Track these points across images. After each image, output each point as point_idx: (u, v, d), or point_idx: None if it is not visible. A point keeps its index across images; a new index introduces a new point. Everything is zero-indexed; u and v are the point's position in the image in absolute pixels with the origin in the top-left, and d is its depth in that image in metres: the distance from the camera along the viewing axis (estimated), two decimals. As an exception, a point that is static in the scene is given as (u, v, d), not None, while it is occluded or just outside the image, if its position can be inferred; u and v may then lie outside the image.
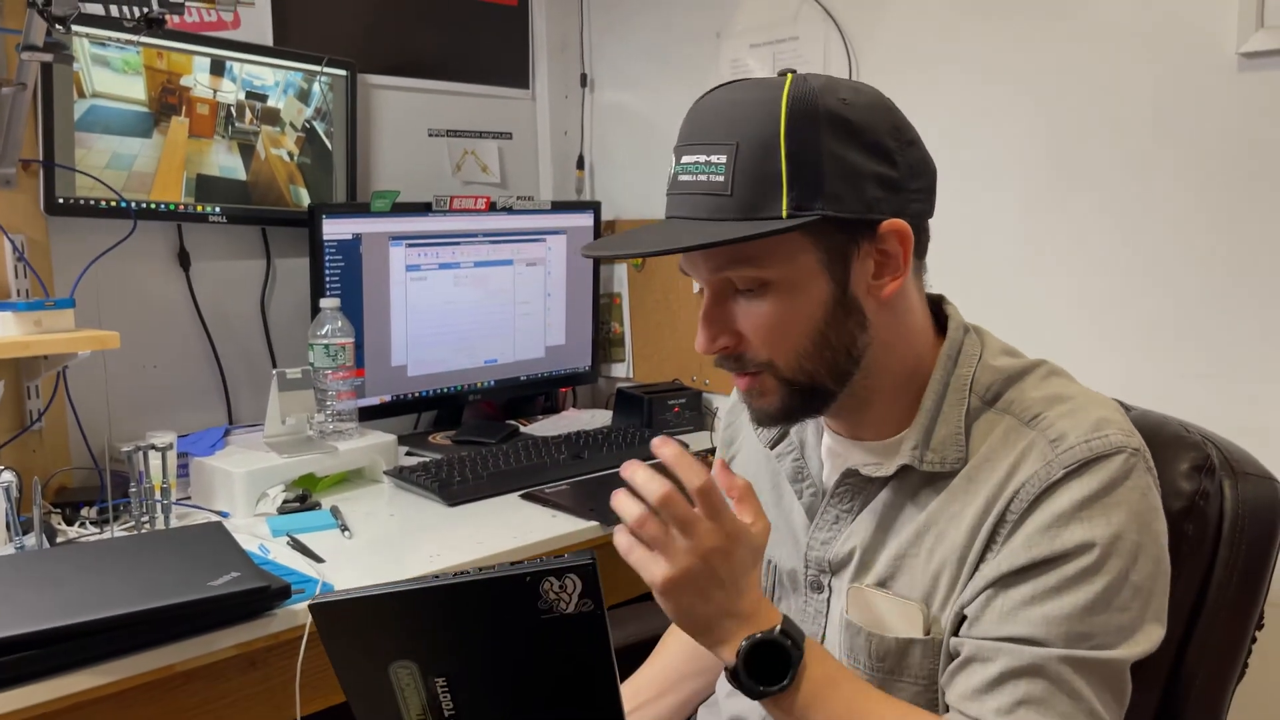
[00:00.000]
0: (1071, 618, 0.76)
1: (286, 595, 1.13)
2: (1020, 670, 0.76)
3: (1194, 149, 1.42)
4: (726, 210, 0.79)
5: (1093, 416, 0.80)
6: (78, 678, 0.99)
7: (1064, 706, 0.75)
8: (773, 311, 0.82)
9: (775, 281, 0.81)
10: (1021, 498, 0.79)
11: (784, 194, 0.78)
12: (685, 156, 0.83)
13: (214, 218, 1.77)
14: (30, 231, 1.56)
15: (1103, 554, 0.76)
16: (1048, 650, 0.76)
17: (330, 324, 1.69)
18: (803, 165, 0.78)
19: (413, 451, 1.86)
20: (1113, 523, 0.77)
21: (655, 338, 2.21)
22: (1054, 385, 0.85)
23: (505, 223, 2.03)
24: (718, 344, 0.84)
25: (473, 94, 2.19)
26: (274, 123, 1.84)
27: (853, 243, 0.81)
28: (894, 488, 0.87)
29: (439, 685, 0.80)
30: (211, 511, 1.49)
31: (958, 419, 0.85)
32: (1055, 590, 0.76)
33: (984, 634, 0.79)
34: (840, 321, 0.83)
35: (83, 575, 1.11)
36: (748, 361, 0.84)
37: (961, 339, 0.88)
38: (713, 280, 0.83)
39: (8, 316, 1.40)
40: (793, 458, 0.96)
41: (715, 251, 0.81)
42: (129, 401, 1.72)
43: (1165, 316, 1.47)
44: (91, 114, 1.60)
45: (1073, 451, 0.78)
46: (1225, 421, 0.99)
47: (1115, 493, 0.77)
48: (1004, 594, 0.78)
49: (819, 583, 0.92)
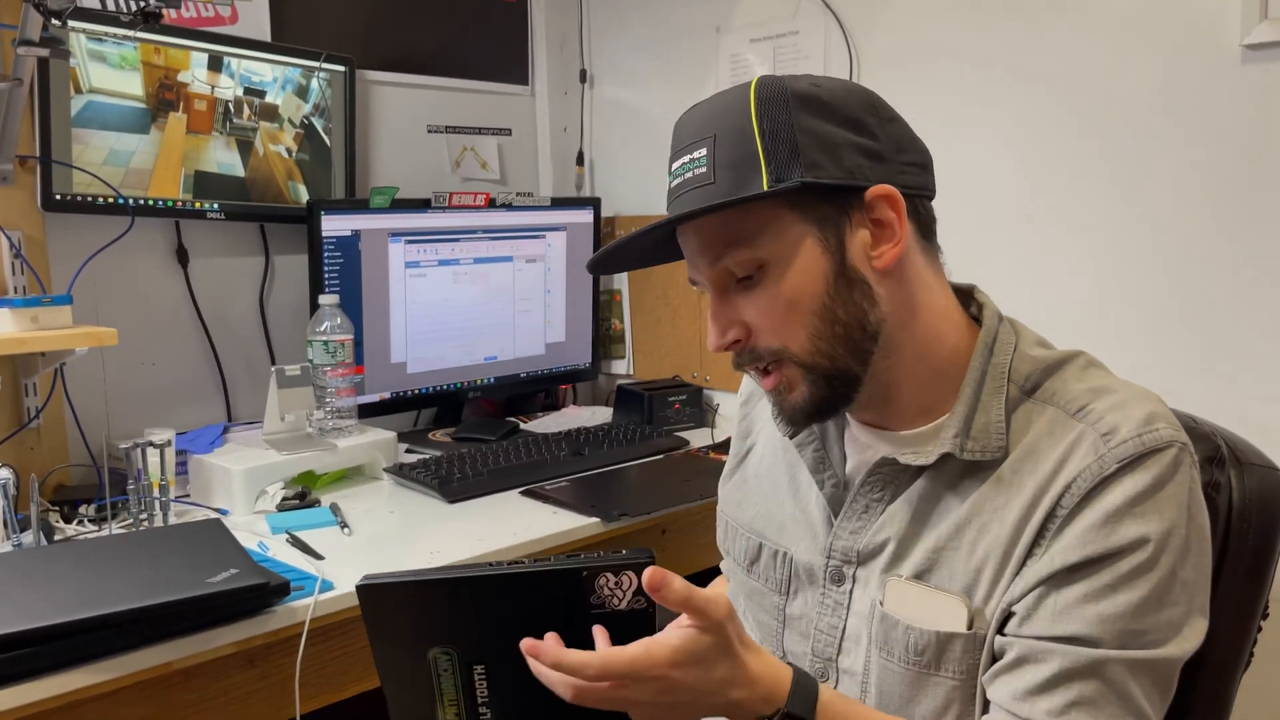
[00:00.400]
0: (1126, 616, 0.75)
1: (286, 592, 1.12)
2: (1075, 672, 0.75)
3: (1198, 141, 1.41)
4: (712, 197, 0.81)
5: (1144, 410, 0.79)
6: (76, 675, 0.98)
7: (1113, 708, 0.75)
8: (774, 293, 0.81)
9: (770, 261, 0.81)
10: (1074, 492, 0.78)
11: (763, 171, 0.80)
12: (675, 163, 0.86)
13: (212, 214, 1.76)
14: (27, 228, 1.55)
15: (1156, 550, 0.75)
16: (1103, 651, 0.75)
17: (329, 320, 1.68)
18: (778, 141, 0.80)
19: (412, 449, 1.85)
20: (1165, 518, 0.76)
21: (655, 334, 2.20)
22: (1096, 377, 0.84)
23: (505, 219, 2.02)
24: (728, 337, 0.84)
25: (472, 90, 2.18)
26: (272, 119, 1.83)
27: (842, 213, 0.82)
28: (930, 477, 0.86)
29: (477, 673, 0.79)
30: (210, 509, 1.48)
31: (999, 407, 0.83)
32: (1110, 588, 0.75)
33: (1037, 633, 0.77)
34: (845, 295, 0.82)
35: (81, 572, 1.10)
36: (762, 353, 0.83)
37: (996, 328, 0.87)
38: (712, 274, 0.84)
39: (4, 313, 1.40)
40: (814, 447, 0.94)
41: (710, 242, 0.82)
42: (127, 399, 1.72)
43: (1169, 310, 1.46)
44: (88, 110, 1.60)
45: (1126, 445, 0.77)
46: (1229, 415, 0.98)
47: (1167, 487, 0.77)
48: (1057, 592, 0.77)
49: (841, 574, 0.90)
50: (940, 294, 0.88)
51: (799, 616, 0.94)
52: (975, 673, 0.82)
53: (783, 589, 0.95)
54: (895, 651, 0.85)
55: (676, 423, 2.00)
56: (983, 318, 0.88)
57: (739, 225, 0.81)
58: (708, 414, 2.07)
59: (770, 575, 0.97)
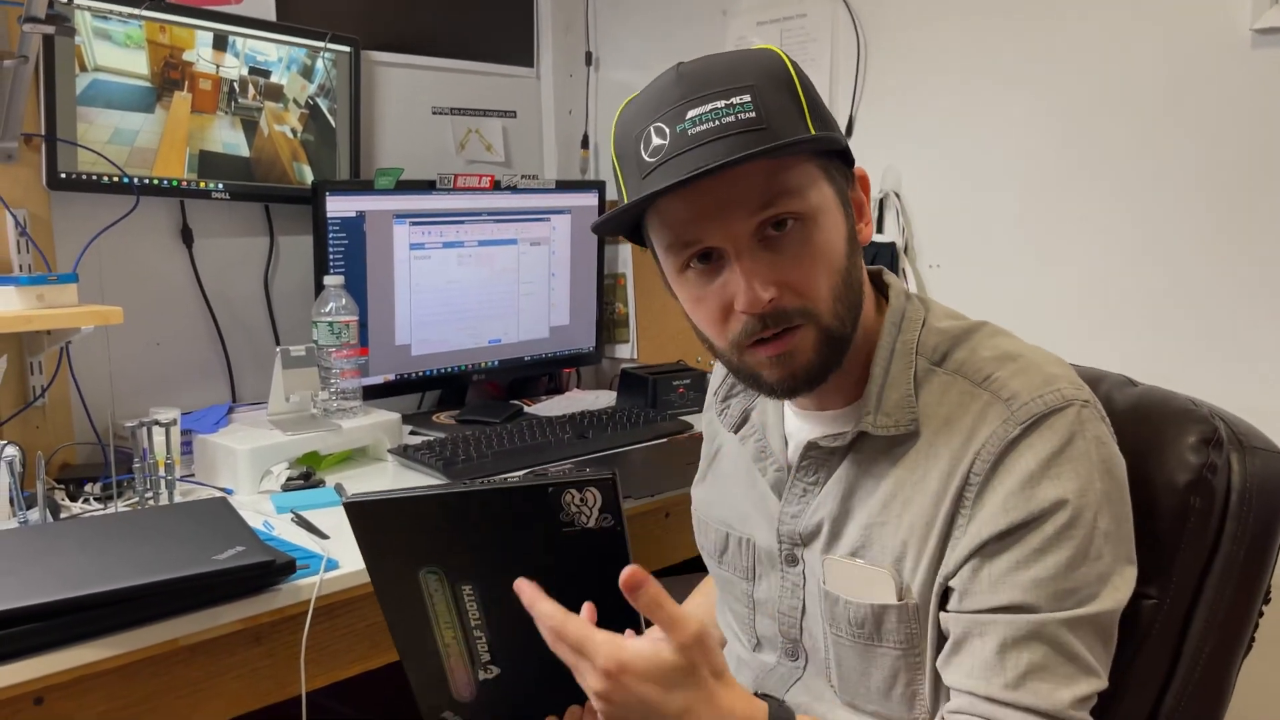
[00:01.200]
0: (1057, 577, 0.77)
1: (291, 570, 1.12)
2: (1019, 640, 0.77)
3: (1207, 126, 1.41)
4: (768, 140, 0.78)
5: (1044, 373, 0.82)
6: (82, 651, 0.99)
7: (1064, 669, 0.76)
8: (808, 248, 0.81)
9: (808, 214, 0.81)
10: (984, 458, 0.80)
11: (809, 123, 0.81)
12: (693, 110, 0.79)
13: (217, 194, 1.76)
14: (32, 206, 1.55)
15: (1075, 508, 0.77)
16: (1041, 615, 0.76)
17: (334, 301, 1.68)
18: (813, 101, 0.82)
19: (416, 430, 1.85)
20: (1079, 475, 0.78)
21: (659, 318, 2.20)
22: (1002, 344, 0.86)
23: (509, 201, 2.02)
24: (769, 293, 0.79)
25: (477, 72, 2.18)
26: (277, 99, 1.83)
27: (846, 183, 0.85)
28: (855, 457, 0.88)
29: (466, 594, 0.81)
30: (215, 488, 1.49)
31: (906, 382, 0.86)
32: (1038, 552, 0.77)
33: (975, 607, 0.79)
34: (855, 260, 0.85)
35: (87, 549, 1.11)
36: (791, 313, 0.80)
37: (904, 305, 0.90)
38: (748, 227, 0.79)
39: (10, 291, 1.40)
40: (755, 439, 0.97)
41: (756, 189, 0.79)
42: (132, 378, 1.72)
43: (1175, 296, 1.46)
44: (93, 88, 1.59)
45: (1027, 407, 0.80)
46: (1233, 400, 0.98)
47: (1074, 445, 0.78)
48: (988, 564, 0.79)
49: (793, 556, 0.93)
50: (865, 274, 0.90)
51: (765, 600, 0.97)
52: (915, 642, 0.84)
53: (749, 574, 0.98)
54: (841, 626, 0.88)
55: (680, 407, 2.00)
56: (889, 297, 0.90)
57: (785, 176, 0.79)
58: (711, 398, 2.07)
59: (737, 563, 1.00)
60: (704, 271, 0.83)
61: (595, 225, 0.89)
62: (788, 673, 0.95)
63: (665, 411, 1.95)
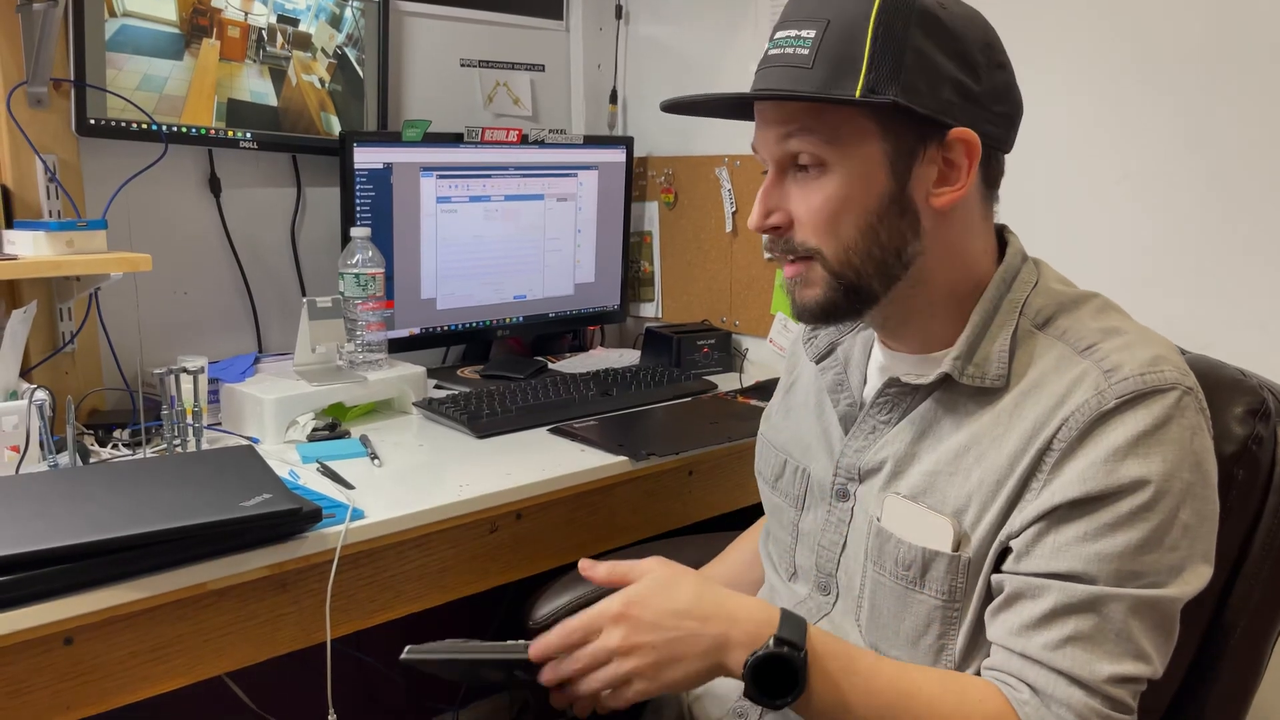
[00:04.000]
0: (1124, 555, 0.75)
1: (318, 518, 1.13)
2: (1070, 607, 0.76)
3: (1256, 83, 1.37)
4: (804, 83, 0.80)
5: (1150, 352, 0.80)
6: (111, 592, 1.00)
7: (1110, 645, 0.75)
8: (829, 195, 0.82)
9: (836, 164, 0.82)
10: (1071, 426, 0.78)
11: (861, 76, 0.79)
12: (779, 33, 0.84)
13: (245, 143, 1.75)
14: (62, 152, 1.55)
15: (1157, 492, 0.75)
16: (1098, 588, 0.75)
17: (361, 253, 1.68)
18: (886, 51, 0.79)
19: (441, 385, 1.86)
20: (1167, 460, 0.76)
21: (685, 277, 2.19)
22: (1111, 318, 0.85)
23: (537, 156, 2.00)
24: (769, 220, 0.86)
25: (506, 24, 2.15)
26: (305, 48, 1.81)
27: (920, 143, 0.82)
28: (936, 401, 0.87)
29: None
30: (242, 437, 1.50)
31: (1005, 337, 0.85)
32: (1109, 527, 0.76)
33: (1033, 570, 0.78)
34: (893, 221, 0.83)
35: (116, 493, 1.11)
36: (796, 246, 0.85)
37: (1019, 265, 0.89)
38: (778, 153, 0.85)
39: (40, 236, 1.40)
40: (834, 371, 0.98)
41: (786, 118, 0.83)
42: (160, 326, 1.73)
43: (1223, 261, 1.43)
44: (122, 34, 1.58)
45: (1127, 383, 0.78)
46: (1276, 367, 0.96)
47: (1169, 429, 0.76)
48: (1055, 530, 0.78)
49: (845, 491, 0.93)
50: (983, 240, 0.89)
51: (808, 532, 0.98)
52: (956, 596, 0.83)
53: (798, 504, 0.99)
54: (886, 565, 0.88)
55: (704, 366, 1.99)
56: (1006, 254, 0.89)
57: (820, 117, 0.82)
58: (736, 358, 2.06)
59: (789, 490, 1.01)
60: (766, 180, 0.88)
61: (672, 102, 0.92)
62: (817, 606, 0.96)
63: (689, 371, 1.94)
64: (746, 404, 1.76)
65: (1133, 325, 0.85)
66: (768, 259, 0.94)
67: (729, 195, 2.05)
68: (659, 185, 2.21)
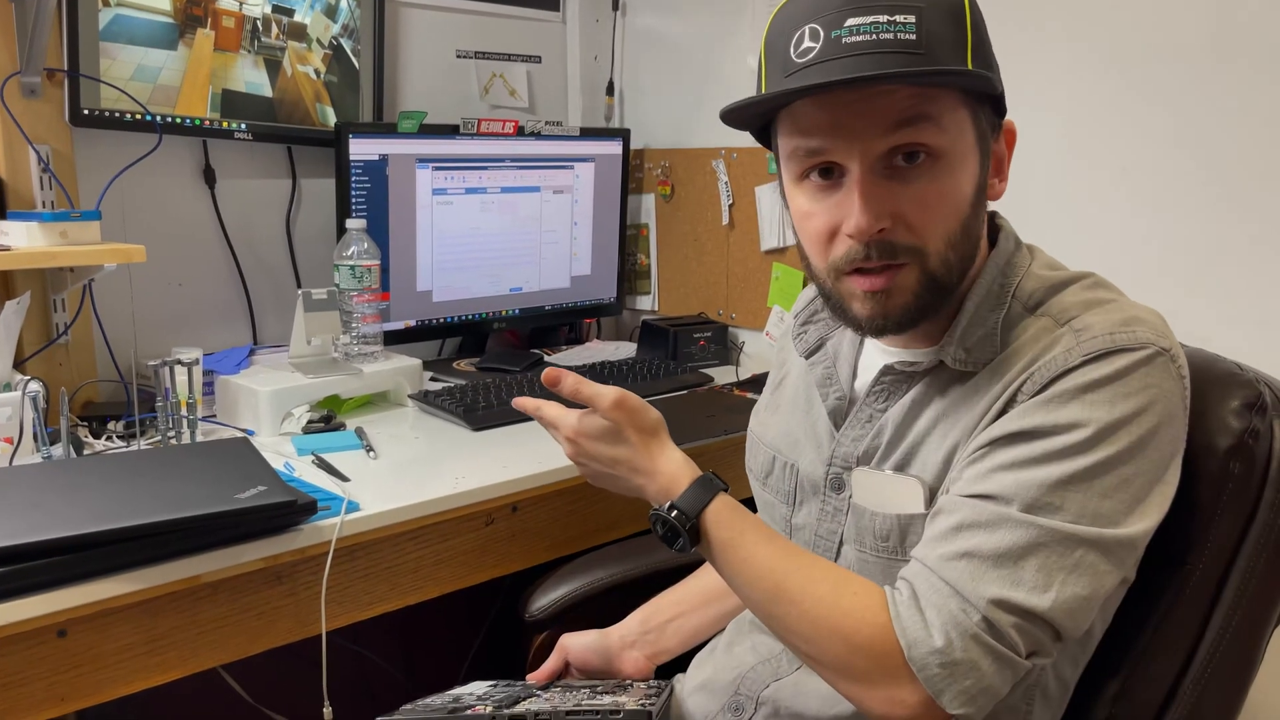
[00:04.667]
0: (1043, 486, 0.75)
1: (313, 511, 1.13)
2: (976, 523, 0.76)
3: (1247, 79, 1.37)
4: (919, 64, 0.76)
5: (1126, 315, 0.79)
6: (105, 584, 0.99)
7: (1009, 569, 0.74)
8: (943, 186, 0.79)
9: (945, 152, 0.79)
10: (1035, 378, 0.79)
11: (969, 59, 0.78)
12: (853, 19, 0.76)
13: (240, 134, 1.75)
14: (55, 142, 1.54)
15: (1095, 435, 0.75)
16: (1007, 509, 0.75)
17: (356, 245, 1.67)
18: (980, 39, 0.79)
19: (437, 377, 1.85)
20: (1116, 409, 0.75)
21: (681, 270, 2.18)
22: (1097, 293, 0.85)
23: (533, 148, 2.00)
24: (881, 223, 0.78)
25: (502, 15, 2.14)
26: (301, 39, 1.80)
27: (992, 132, 0.83)
28: (925, 385, 0.88)
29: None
30: (237, 429, 1.49)
31: (994, 322, 0.85)
32: (1035, 460, 0.76)
33: (958, 491, 0.79)
34: (978, 211, 0.83)
35: (110, 485, 1.11)
36: (899, 249, 0.79)
37: (1012, 250, 0.89)
38: (875, 149, 0.78)
39: (34, 227, 1.39)
40: (824, 365, 0.98)
41: (895, 113, 0.77)
42: (154, 318, 1.72)
43: (1214, 256, 1.43)
44: (116, 24, 1.57)
45: (1095, 341, 0.78)
46: (1273, 361, 0.96)
47: (1127, 381, 0.76)
48: (987, 458, 0.78)
49: (840, 481, 0.93)
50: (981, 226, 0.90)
51: (802, 527, 0.97)
52: None
53: (789, 500, 0.99)
54: (866, 542, 0.88)
55: (701, 359, 1.99)
56: (999, 240, 0.89)
57: (929, 105, 0.77)
58: (732, 351, 2.06)
59: (780, 487, 1.00)
60: (822, 186, 0.81)
61: (726, 110, 0.82)
62: None
63: (685, 364, 1.94)
64: (743, 397, 1.76)
65: (1119, 296, 0.84)
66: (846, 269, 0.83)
67: (726, 188, 2.05)
68: (656, 178, 2.20)
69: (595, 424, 0.92)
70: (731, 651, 1.05)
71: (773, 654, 0.99)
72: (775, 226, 1.97)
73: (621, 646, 1.15)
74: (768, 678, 0.98)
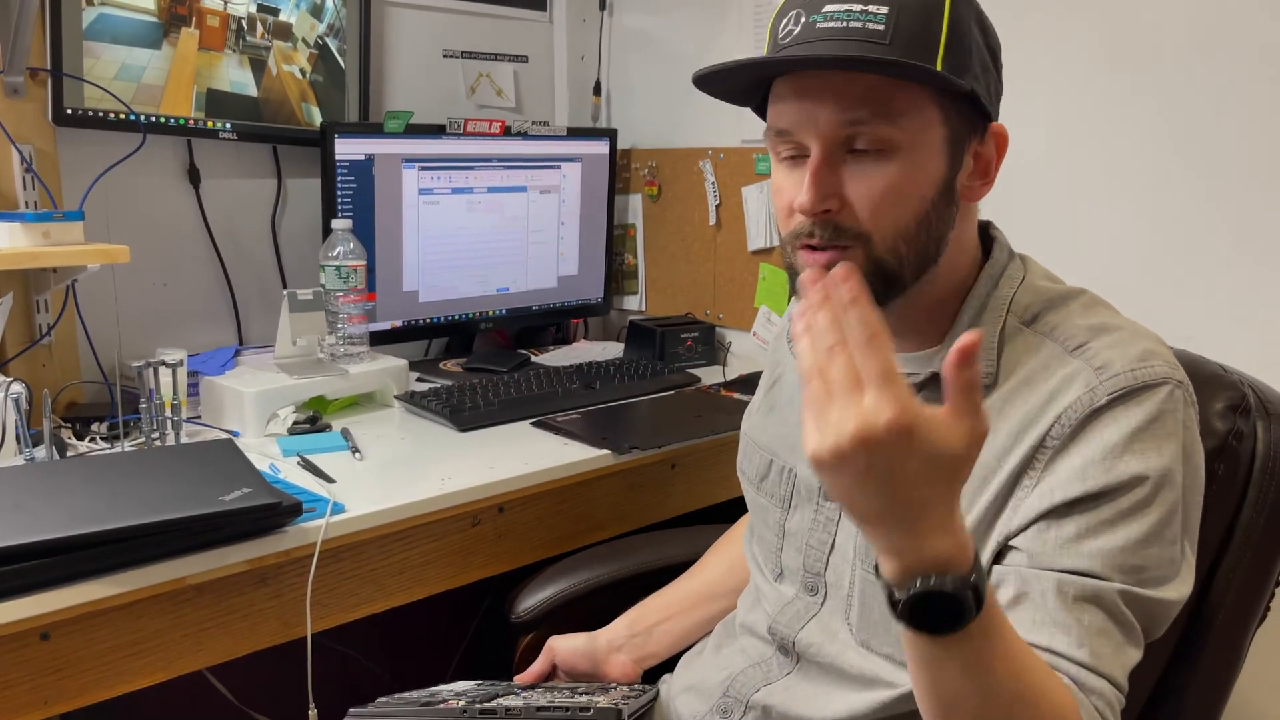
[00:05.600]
0: (1126, 551, 0.75)
1: (298, 513, 1.12)
2: (1080, 600, 0.75)
3: (1233, 77, 1.38)
4: (884, 56, 0.77)
5: (1140, 347, 0.80)
6: (89, 587, 0.99)
7: (1120, 636, 0.75)
8: (893, 177, 0.79)
9: (902, 146, 0.79)
10: (1064, 423, 0.78)
11: (940, 57, 0.78)
12: (830, 5, 0.79)
13: (224, 134, 1.74)
14: (38, 142, 1.53)
15: (1155, 487, 0.76)
16: (1103, 583, 0.75)
17: (342, 245, 1.66)
18: (959, 37, 0.79)
19: (423, 377, 1.85)
20: (1164, 455, 0.76)
21: (669, 270, 2.18)
22: (1099, 315, 0.85)
23: (519, 148, 1.99)
24: (824, 205, 0.80)
25: (489, 15, 2.14)
26: (286, 38, 1.80)
27: (970, 133, 0.83)
28: (925, 398, 0.85)
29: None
30: (222, 430, 1.49)
31: (991, 335, 0.85)
32: (1109, 523, 0.76)
33: (1038, 565, 0.77)
34: (942, 210, 0.83)
35: (94, 487, 1.10)
36: (845, 230, 0.80)
37: (1006, 261, 0.89)
38: (832, 133, 0.80)
39: (16, 227, 1.38)
40: None
41: (853, 100, 0.78)
42: (138, 319, 1.71)
43: (1199, 253, 1.44)
44: (100, 22, 1.56)
45: (1118, 379, 0.78)
46: (1256, 361, 0.97)
47: (1164, 424, 0.77)
48: (1057, 526, 0.77)
49: None
50: (974, 233, 0.90)
51: (795, 532, 0.97)
52: None
53: (784, 504, 0.98)
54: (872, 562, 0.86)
55: (688, 359, 1.99)
56: (993, 251, 0.89)
57: (890, 96, 0.78)
58: (719, 351, 2.06)
59: (775, 491, 1.00)
60: (792, 163, 0.84)
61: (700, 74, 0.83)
62: (804, 608, 0.95)
63: (673, 364, 1.94)
64: (730, 397, 1.76)
65: (1121, 321, 0.85)
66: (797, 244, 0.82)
67: (713, 188, 2.05)
68: (643, 178, 2.20)
69: (946, 441, 0.61)
70: (720, 653, 1.05)
71: (763, 657, 0.98)
72: (762, 226, 1.97)
73: (609, 650, 1.15)
74: (758, 681, 0.97)
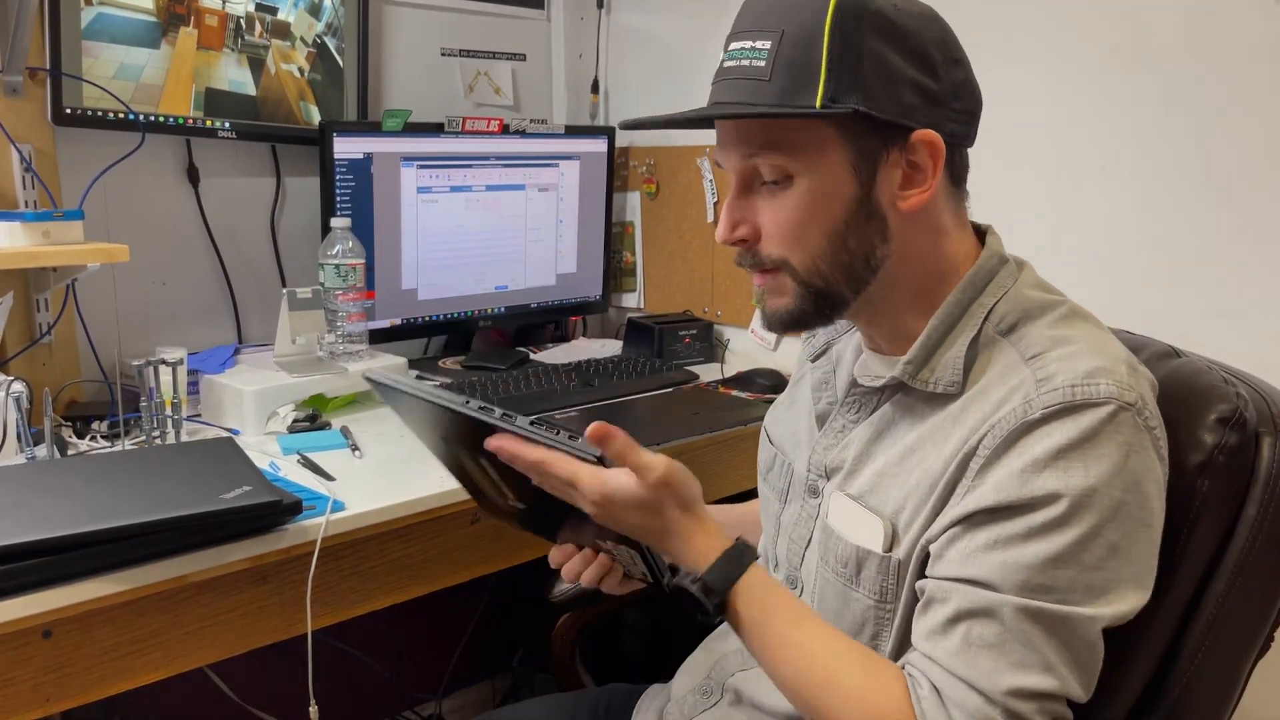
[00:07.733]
0: (1032, 567, 0.74)
1: (298, 510, 1.13)
2: (972, 612, 0.75)
3: (1225, 75, 1.38)
4: (762, 95, 0.80)
5: (1090, 364, 0.77)
6: (90, 585, 0.99)
7: (1017, 654, 0.74)
8: (794, 206, 0.82)
9: (801, 175, 0.82)
10: (995, 434, 0.77)
11: (820, 85, 0.79)
12: (733, 44, 0.84)
13: (223, 133, 1.74)
14: (37, 141, 1.54)
15: (1073, 506, 0.73)
16: (1002, 596, 0.74)
17: (341, 244, 1.67)
18: (843, 59, 0.79)
19: (423, 375, 1.85)
20: (1090, 475, 0.73)
21: (667, 268, 2.19)
22: (1070, 326, 0.83)
23: (518, 146, 2.00)
24: (736, 234, 0.86)
25: (487, 13, 2.14)
26: (284, 37, 1.80)
27: (883, 148, 0.82)
28: (896, 404, 0.88)
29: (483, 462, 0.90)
30: (222, 429, 1.49)
31: (962, 344, 0.84)
32: (1019, 538, 0.74)
33: (943, 574, 0.78)
34: (860, 227, 0.83)
35: (95, 485, 1.11)
36: (764, 259, 0.86)
37: (995, 268, 0.87)
38: (741, 168, 0.85)
39: (15, 227, 1.39)
40: (824, 369, 0.99)
41: (747, 136, 0.83)
42: (138, 318, 1.72)
43: (1192, 252, 1.44)
44: (98, 22, 1.57)
45: (1055, 394, 0.76)
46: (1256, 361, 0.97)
47: (1095, 444, 0.74)
48: (967, 535, 0.77)
49: (815, 487, 0.94)
50: (958, 238, 0.88)
51: (786, 525, 0.99)
52: (886, 597, 0.84)
53: (782, 497, 1.00)
54: (830, 562, 0.89)
55: (686, 357, 1.99)
56: (979, 257, 0.88)
57: (780, 131, 0.82)
58: (718, 349, 2.06)
59: (776, 484, 1.02)
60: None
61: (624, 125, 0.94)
62: None
63: (671, 361, 1.95)
64: (728, 395, 1.77)
65: (1088, 334, 0.82)
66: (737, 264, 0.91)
67: (711, 186, 2.05)
68: (641, 175, 2.21)
69: (631, 494, 0.80)
70: (717, 636, 1.08)
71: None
72: (760, 224, 1.98)
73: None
74: (734, 667, 1.00)
